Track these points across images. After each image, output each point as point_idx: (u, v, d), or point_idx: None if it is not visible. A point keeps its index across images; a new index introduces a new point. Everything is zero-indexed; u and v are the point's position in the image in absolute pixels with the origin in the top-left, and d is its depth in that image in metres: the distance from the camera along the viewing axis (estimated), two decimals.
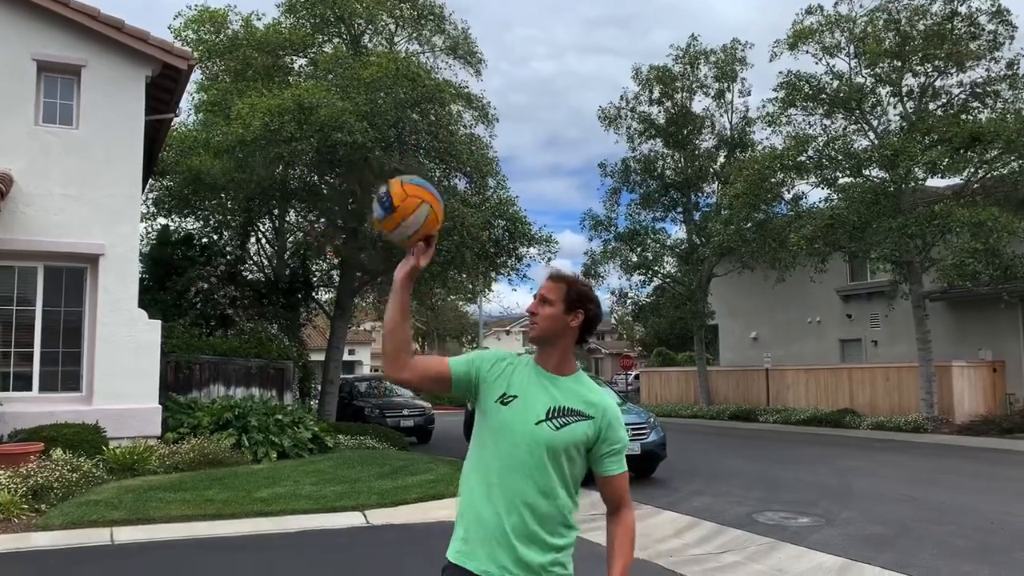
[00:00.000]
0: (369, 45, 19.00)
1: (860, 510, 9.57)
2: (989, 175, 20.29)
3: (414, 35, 19.28)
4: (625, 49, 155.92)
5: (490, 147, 18.39)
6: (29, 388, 11.69)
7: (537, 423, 2.35)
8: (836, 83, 21.74)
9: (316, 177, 17.92)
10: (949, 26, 20.27)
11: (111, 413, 11.52)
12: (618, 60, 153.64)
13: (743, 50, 27.14)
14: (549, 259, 18.97)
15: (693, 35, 32.08)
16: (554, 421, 2.36)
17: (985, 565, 6.95)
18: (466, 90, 18.94)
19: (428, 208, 2.28)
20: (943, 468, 13.75)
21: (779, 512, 9.43)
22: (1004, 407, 21.19)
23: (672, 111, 27.81)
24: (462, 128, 18.06)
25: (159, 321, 12.69)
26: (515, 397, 2.40)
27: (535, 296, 2.51)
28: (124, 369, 11.91)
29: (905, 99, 21.34)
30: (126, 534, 7.80)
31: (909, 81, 21.28)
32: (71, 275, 12.17)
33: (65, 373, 12.01)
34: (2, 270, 11.76)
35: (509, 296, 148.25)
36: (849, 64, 21.78)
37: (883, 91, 21.65)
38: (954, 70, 20.62)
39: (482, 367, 2.47)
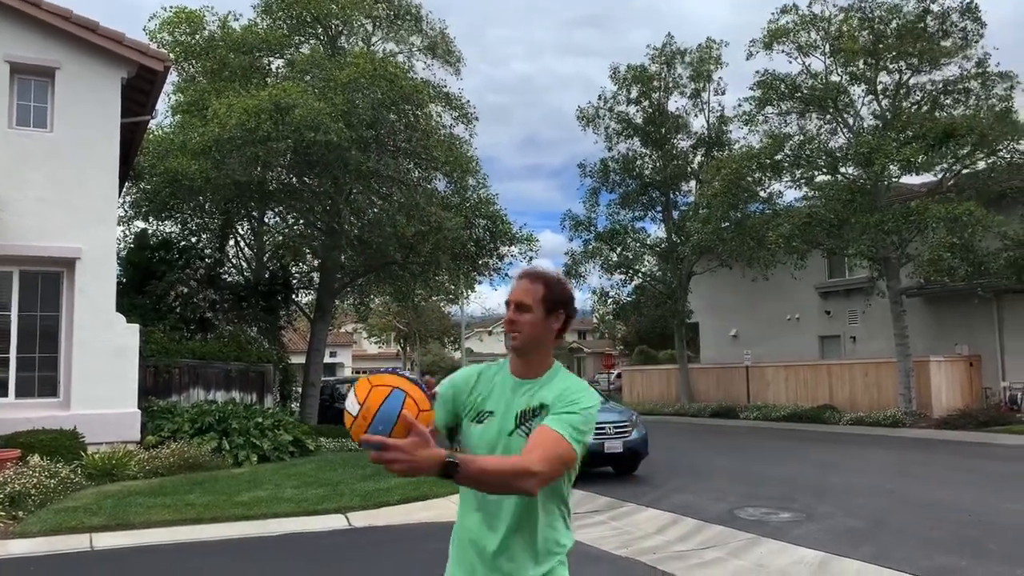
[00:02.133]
0: (346, 46, 18.93)
1: (840, 504, 9.65)
2: (963, 171, 20.55)
3: (391, 35, 19.24)
4: (604, 49, 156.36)
5: (470, 145, 18.41)
6: (5, 394, 11.56)
7: (509, 434, 2.26)
8: (811, 82, 21.92)
9: (294, 178, 17.83)
10: (922, 24, 20.50)
11: (89, 418, 11.40)
12: (596, 60, 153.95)
13: (718, 49, 27.30)
14: (531, 258, 19.02)
15: (669, 35, 32.25)
16: (523, 427, 2.24)
17: (963, 557, 7.03)
18: (445, 90, 18.92)
19: (401, 394, 1.97)
20: (921, 462, 13.89)
21: (760, 508, 9.48)
22: (981, 401, 21.45)
23: (649, 110, 27.94)
24: (441, 128, 18.05)
25: (137, 325, 12.58)
26: (491, 413, 2.31)
27: (509, 303, 2.31)
28: (102, 374, 11.79)
29: (880, 97, 21.55)
30: (106, 540, 7.72)
31: (883, 79, 21.49)
32: (47, 279, 12.03)
33: (42, 378, 11.87)
34: None
35: (491, 297, 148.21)
36: (824, 63, 21.97)
37: (858, 89, 21.86)
38: (927, 67, 20.85)
39: (456, 399, 2.37)
